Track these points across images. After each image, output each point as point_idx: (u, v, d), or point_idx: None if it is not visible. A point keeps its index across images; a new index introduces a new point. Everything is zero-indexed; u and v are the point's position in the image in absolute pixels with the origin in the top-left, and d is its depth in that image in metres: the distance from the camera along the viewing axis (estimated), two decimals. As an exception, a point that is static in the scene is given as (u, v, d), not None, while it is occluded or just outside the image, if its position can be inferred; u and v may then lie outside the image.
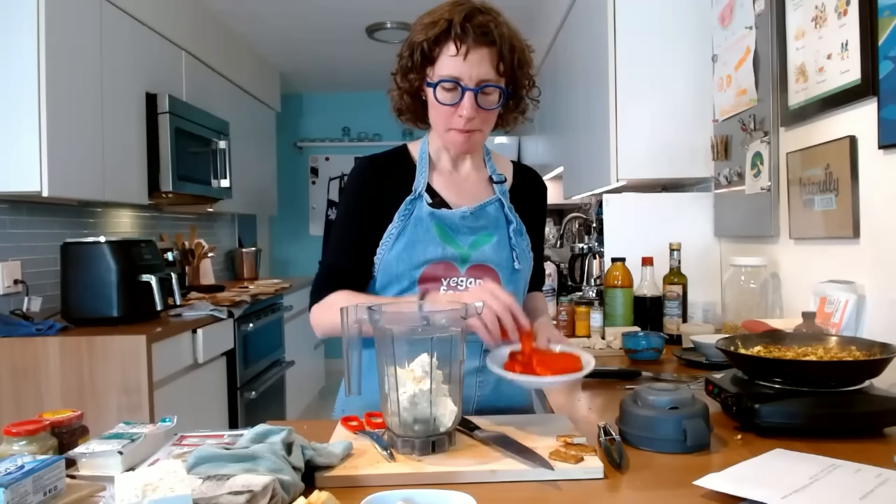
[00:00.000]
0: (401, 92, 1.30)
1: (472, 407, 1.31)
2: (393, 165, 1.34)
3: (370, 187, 1.31)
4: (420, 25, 1.23)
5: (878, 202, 1.45)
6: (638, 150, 2.31)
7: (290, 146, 6.16)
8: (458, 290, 1.27)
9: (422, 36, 1.21)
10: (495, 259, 1.32)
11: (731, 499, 0.82)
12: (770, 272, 1.91)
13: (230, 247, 4.97)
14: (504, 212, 1.35)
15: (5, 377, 2.31)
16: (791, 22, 1.75)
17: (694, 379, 1.49)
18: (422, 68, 1.24)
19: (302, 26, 4.31)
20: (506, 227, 1.34)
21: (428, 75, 1.24)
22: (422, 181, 1.31)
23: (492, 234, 1.33)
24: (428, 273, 1.27)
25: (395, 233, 1.28)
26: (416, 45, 1.22)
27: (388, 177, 1.32)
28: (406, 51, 1.25)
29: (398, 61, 1.28)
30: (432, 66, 1.23)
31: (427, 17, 1.23)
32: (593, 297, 2.33)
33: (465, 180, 1.37)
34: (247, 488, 0.77)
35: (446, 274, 1.28)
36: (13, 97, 2.32)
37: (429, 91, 1.25)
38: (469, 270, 1.29)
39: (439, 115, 1.26)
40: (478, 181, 1.38)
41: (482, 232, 1.32)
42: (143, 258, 2.66)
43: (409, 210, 1.29)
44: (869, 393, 1.10)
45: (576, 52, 2.94)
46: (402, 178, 1.32)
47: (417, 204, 1.29)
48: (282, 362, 4.04)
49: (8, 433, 0.93)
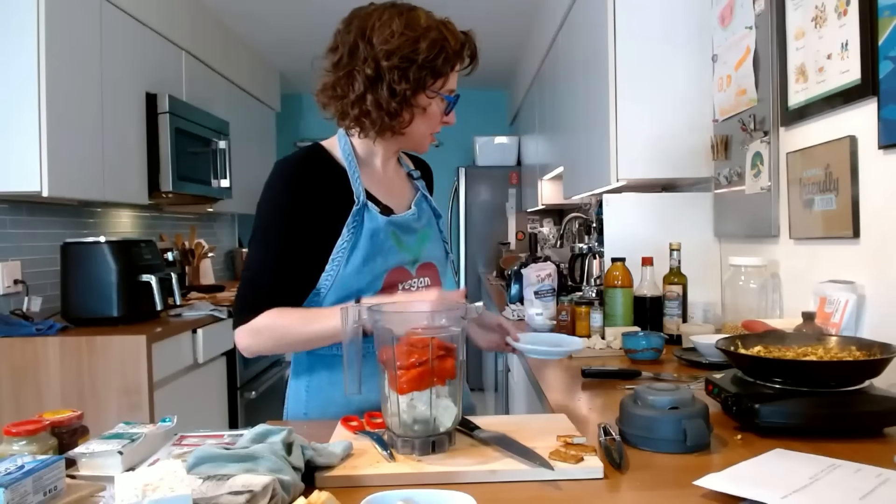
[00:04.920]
0: (376, 100, 1.20)
1: None
2: (321, 170, 1.26)
3: (302, 196, 1.22)
4: (427, 42, 1.19)
5: (878, 202, 1.45)
6: (638, 150, 2.31)
7: (290, 146, 6.15)
8: (413, 292, 1.27)
9: (432, 54, 1.20)
10: (435, 255, 1.36)
11: (731, 499, 0.82)
12: (770, 272, 1.91)
13: (230, 247, 4.97)
14: (431, 206, 1.40)
15: (5, 377, 2.31)
16: (791, 22, 1.75)
17: (694, 379, 1.49)
18: (423, 82, 1.22)
19: (302, 26, 4.31)
20: (436, 221, 1.39)
21: (429, 87, 1.23)
22: (360, 188, 1.26)
23: (429, 231, 1.36)
24: (387, 281, 1.26)
25: (347, 246, 1.23)
26: (427, 62, 1.20)
27: (318, 183, 1.24)
28: (405, 64, 1.19)
29: (392, 74, 1.19)
30: (438, 80, 1.24)
31: (430, 34, 1.20)
32: (593, 297, 2.33)
33: (391, 180, 1.36)
34: (247, 488, 0.77)
35: (402, 278, 1.28)
36: (13, 97, 2.32)
37: (426, 101, 1.24)
38: (418, 270, 1.32)
39: (431, 123, 1.28)
40: (400, 179, 1.40)
41: (422, 230, 1.35)
42: (143, 258, 2.66)
43: (359, 220, 1.24)
44: (869, 393, 1.10)
45: (576, 52, 2.94)
46: (333, 184, 1.25)
47: (366, 213, 1.25)
48: (282, 362, 4.04)
49: (8, 433, 0.93)
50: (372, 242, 1.24)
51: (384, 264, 1.26)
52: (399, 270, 1.28)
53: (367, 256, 1.23)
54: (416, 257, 1.31)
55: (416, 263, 1.31)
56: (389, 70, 1.19)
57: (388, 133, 1.26)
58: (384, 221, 1.26)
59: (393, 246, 1.27)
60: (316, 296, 1.25)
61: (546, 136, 4.00)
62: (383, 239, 1.26)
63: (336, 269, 1.23)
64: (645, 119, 2.30)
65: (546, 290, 2.31)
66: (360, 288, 1.23)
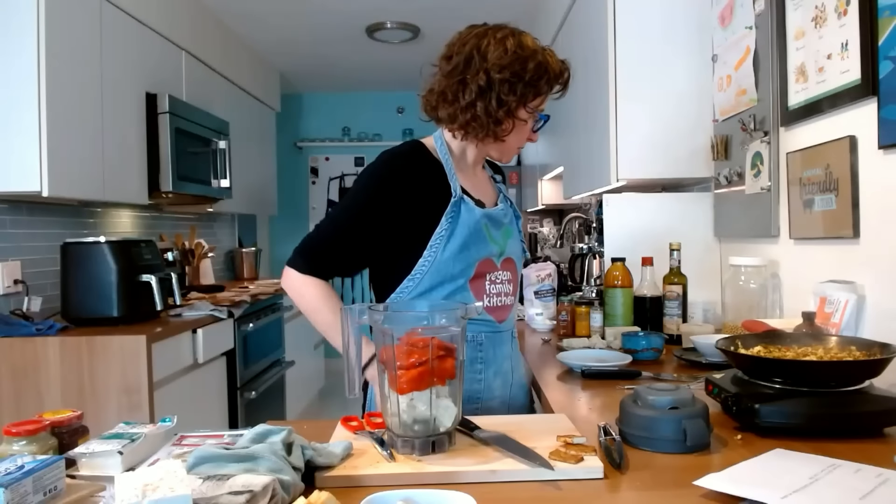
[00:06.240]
0: (485, 107, 1.32)
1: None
2: (423, 165, 1.37)
3: (404, 189, 1.33)
4: (535, 63, 1.32)
5: (878, 202, 1.45)
6: (638, 150, 2.31)
7: (290, 146, 6.16)
8: (497, 283, 1.40)
9: (537, 74, 1.32)
10: (515, 251, 1.47)
11: (731, 499, 0.82)
12: (770, 272, 1.91)
13: (230, 247, 4.97)
14: (512, 206, 1.50)
15: (5, 377, 2.31)
16: (791, 22, 1.75)
17: (694, 379, 1.49)
18: (526, 98, 1.34)
19: (302, 26, 4.31)
20: (516, 220, 1.49)
21: (529, 104, 1.35)
22: (456, 183, 1.37)
23: (512, 228, 1.47)
24: (478, 270, 1.36)
25: (445, 234, 1.33)
26: (532, 81, 1.32)
27: (420, 178, 1.35)
28: (514, 79, 1.31)
29: (502, 86, 1.30)
30: (536, 99, 1.36)
31: (536, 57, 1.33)
32: (593, 297, 2.33)
33: (479, 179, 1.49)
34: (247, 488, 0.77)
35: (489, 269, 1.39)
36: (13, 97, 2.32)
37: (525, 115, 1.36)
38: (502, 264, 1.42)
39: (522, 136, 1.40)
40: (486, 179, 1.52)
41: (507, 226, 1.45)
42: (143, 258, 2.66)
43: (456, 211, 1.34)
44: (869, 393, 1.10)
45: (576, 52, 2.94)
46: (431, 178, 1.36)
47: (463, 205, 1.35)
48: (282, 362, 4.04)
49: (8, 433, 0.93)
50: (468, 232, 1.34)
51: (477, 253, 1.36)
52: (487, 262, 1.38)
53: (463, 245, 1.34)
54: (502, 250, 1.42)
55: (502, 257, 1.42)
56: (500, 83, 1.30)
57: (491, 139, 1.37)
58: (480, 213, 1.37)
59: (485, 237, 1.37)
60: (411, 281, 1.35)
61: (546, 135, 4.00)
62: (477, 230, 1.35)
63: (434, 255, 1.33)
64: (645, 119, 2.30)
65: (546, 290, 2.31)
66: (454, 274, 1.34)
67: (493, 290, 1.40)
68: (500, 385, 1.44)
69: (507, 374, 1.45)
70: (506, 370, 1.45)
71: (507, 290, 1.43)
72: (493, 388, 1.42)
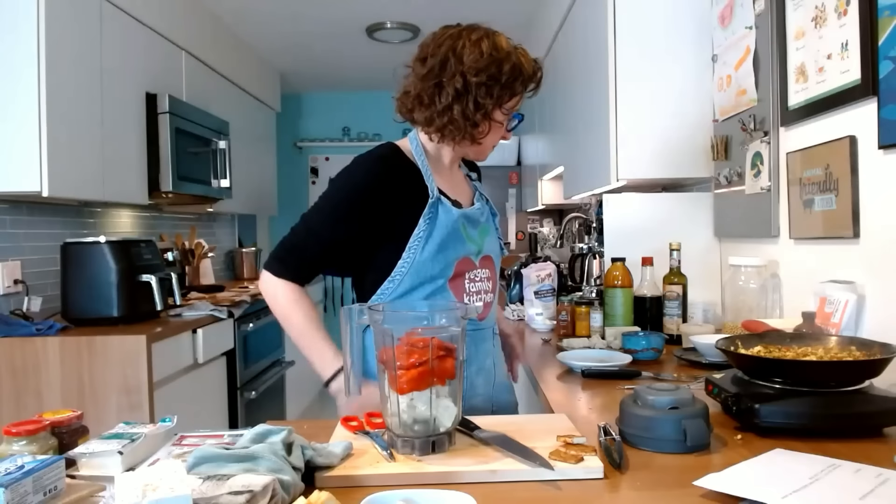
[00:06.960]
0: (462, 110, 1.32)
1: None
2: (399, 168, 1.37)
3: (382, 193, 1.33)
4: (510, 64, 1.32)
5: (878, 202, 1.45)
6: (638, 150, 2.31)
7: (290, 146, 6.16)
8: (476, 282, 1.41)
9: (513, 76, 1.33)
10: (493, 248, 1.48)
11: (731, 499, 0.82)
12: (770, 272, 1.91)
13: (230, 247, 4.97)
14: (488, 204, 1.51)
15: (5, 377, 2.31)
16: (791, 22, 1.75)
17: (694, 379, 1.49)
18: (502, 99, 1.34)
19: (302, 26, 4.31)
20: (493, 217, 1.50)
21: (504, 105, 1.36)
22: (433, 184, 1.37)
23: (489, 226, 1.47)
24: (457, 270, 1.37)
25: (423, 236, 1.33)
26: (508, 83, 1.32)
27: (397, 181, 1.35)
28: (490, 82, 1.31)
29: (479, 89, 1.31)
30: (512, 99, 1.37)
31: (511, 58, 1.33)
32: (593, 297, 2.33)
33: (455, 179, 1.49)
34: (247, 488, 0.77)
35: (468, 268, 1.39)
36: (13, 97, 2.32)
37: (501, 117, 1.37)
38: (480, 262, 1.42)
39: (498, 136, 1.41)
40: (462, 179, 1.52)
41: (484, 224, 1.45)
42: (143, 258, 2.66)
43: (434, 212, 1.35)
44: (869, 393, 1.10)
45: (576, 52, 2.94)
46: (408, 181, 1.36)
47: (440, 206, 1.36)
48: (282, 362, 4.04)
49: (8, 433, 0.93)
50: (445, 232, 1.35)
51: (455, 253, 1.36)
52: (466, 261, 1.39)
53: (441, 245, 1.34)
54: (480, 249, 1.43)
55: (480, 255, 1.43)
56: (477, 86, 1.31)
57: (468, 141, 1.38)
58: (457, 213, 1.37)
59: (462, 237, 1.37)
60: (391, 282, 1.35)
61: (546, 135, 4.00)
62: (455, 230, 1.36)
63: (413, 256, 1.33)
64: (645, 119, 2.30)
65: (546, 290, 2.31)
66: (434, 275, 1.34)
67: (472, 288, 1.41)
68: (484, 383, 1.44)
69: (490, 371, 1.46)
70: (488, 367, 1.45)
71: (486, 287, 1.43)
72: (477, 386, 1.42)
